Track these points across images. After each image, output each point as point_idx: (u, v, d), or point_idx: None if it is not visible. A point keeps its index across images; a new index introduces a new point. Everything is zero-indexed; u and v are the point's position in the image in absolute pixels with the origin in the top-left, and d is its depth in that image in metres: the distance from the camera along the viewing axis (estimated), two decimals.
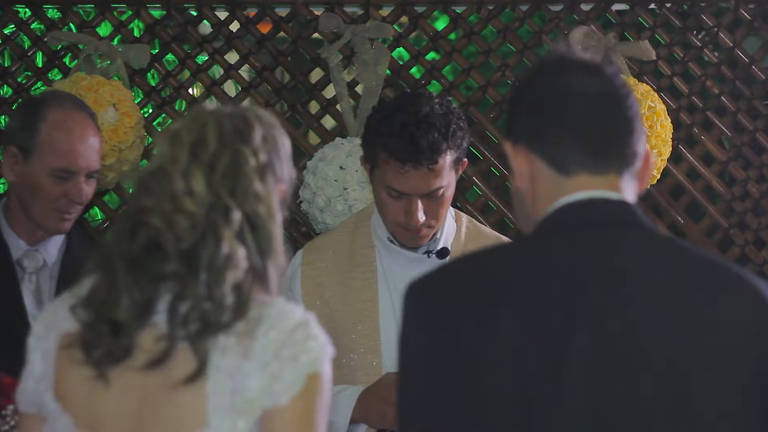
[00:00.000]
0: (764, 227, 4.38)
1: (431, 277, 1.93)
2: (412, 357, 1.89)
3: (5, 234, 3.17)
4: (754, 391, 1.85)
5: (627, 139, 1.95)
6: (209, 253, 1.98)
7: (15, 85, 4.23)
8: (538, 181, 1.96)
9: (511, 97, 2.05)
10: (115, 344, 1.99)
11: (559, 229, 1.93)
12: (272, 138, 2.09)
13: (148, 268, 2.00)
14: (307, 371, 1.98)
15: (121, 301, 1.99)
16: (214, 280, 1.97)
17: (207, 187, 2.01)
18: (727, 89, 4.40)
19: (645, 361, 1.83)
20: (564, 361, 1.82)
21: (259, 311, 1.99)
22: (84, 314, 2.02)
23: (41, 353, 2.08)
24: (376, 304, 3.14)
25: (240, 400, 1.96)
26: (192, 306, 1.97)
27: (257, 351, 1.97)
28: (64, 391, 2.05)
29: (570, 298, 1.85)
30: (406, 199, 3.03)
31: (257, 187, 2.03)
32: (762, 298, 1.89)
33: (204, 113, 2.09)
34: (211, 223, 1.99)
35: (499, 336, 1.83)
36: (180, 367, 1.97)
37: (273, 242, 2.04)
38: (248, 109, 2.12)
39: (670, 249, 1.93)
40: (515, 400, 1.82)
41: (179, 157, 2.03)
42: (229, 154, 2.03)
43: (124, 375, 2.00)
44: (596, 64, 1.98)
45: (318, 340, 2.01)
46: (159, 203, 2.01)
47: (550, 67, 2.00)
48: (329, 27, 4.20)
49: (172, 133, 2.07)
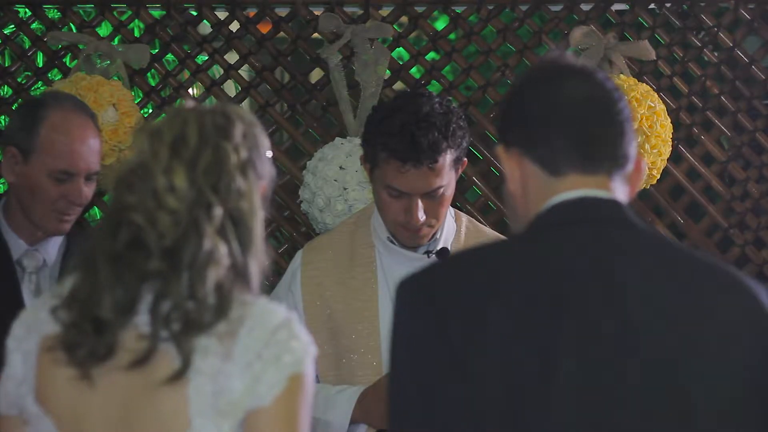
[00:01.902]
0: (764, 227, 4.38)
1: (422, 274, 1.94)
2: (403, 354, 1.90)
3: (5, 234, 3.17)
4: (751, 390, 1.86)
5: (618, 140, 1.96)
6: (191, 250, 1.97)
7: (15, 85, 4.23)
8: (530, 183, 1.98)
9: (503, 103, 2.07)
10: (98, 343, 1.98)
11: (550, 227, 1.94)
12: (252, 135, 2.08)
13: (131, 265, 1.98)
14: (290, 372, 1.97)
15: (103, 299, 1.98)
16: (197, 278, 1.96)
17: (189, 183, 2.00)
18: (727, 89, 4.40)
19: (638, 361, 1.83)
20: (554, 357, 1.83)
21: (241, 311, 1.98)
22: (66, 315, 2.01)
23: (21, 355, 2.06)
24: (375, 303, 3.14)
25: (222, 402, 1.95)
26: (174, 305, 1.96)
27: (239, 352, 1.96)
28: (47, 394, 2.03)
29: (560, 294, 1.85)
30: (406, 198, 3.04)
31: (240, 183, 2.02)
32: (754, 297, 1.90)
33: (184, 110, 2.08)
34: (193, 220, 1.98)
35: (488, 332, 1.84)
36: (162, 368, 1.96)
37: (255, 239, 2.03)
38: (228, 107, 2.11)
39: (662, 248, 1.94)
40: (505, 397, 1.82)
41: (160, 154, 2.02)
42: (211, 150, 2.02)
43: (108, 376, 1.99)
44: (587, 70, 2.00)
45: (300, 339, 2.00)
46: (141, 200, 2.00)
47: (542, 72, 2.03)
48: (329, 27, 4.20)
49: (152, 130, 2.06)
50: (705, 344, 1.85)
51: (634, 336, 1.84)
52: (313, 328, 3.11)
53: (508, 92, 2.08)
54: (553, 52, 2.06)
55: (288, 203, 4.26)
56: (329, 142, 4.11)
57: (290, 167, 4.26)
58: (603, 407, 1.83)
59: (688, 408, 1.83)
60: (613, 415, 1.83)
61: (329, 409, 3.05)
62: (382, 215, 3.11)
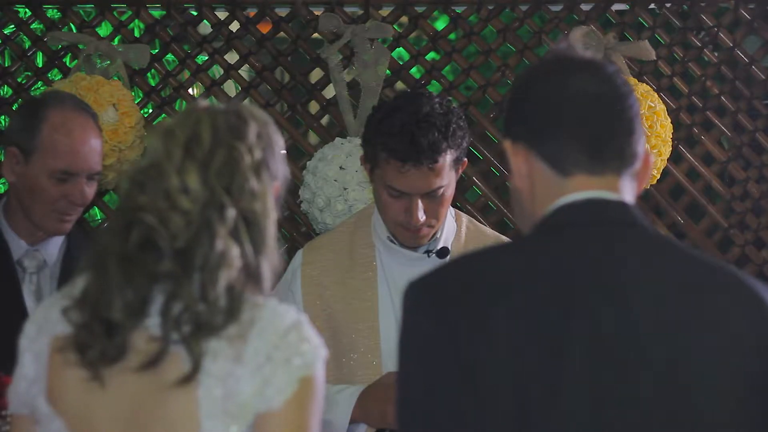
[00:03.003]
0: (764, 227, 4.38)
1: (430, 277, 1.93)
2: (411, 357, 1.89)
3: (5, 234, 3.17)
4: (753, 392, 1.85)
5: (626, 139, 1.95)
6: (203, 251, 1.96)
7: (15, 85, 4.23)
8: (537, 180, 1.96)
9: (510, 96, 2.04)
10: (109, 344, 1.97)
11: (558, 229, 1.93)
12: (266, 135, 2.07)
13: (142, 266, 1.97)
14: (300, 375, 1.96)
15: (114, 301, 1.96)
16: (208, 280, 1.95)
17: (202, 183, 1.99)
18: (727, 89, 4.40)
19: (644, 361, 1.83)
20: (561, 361, 1.82)
21: (252, 313, 1.97)
22: (77, 316, 2.00)
23: (33, 355, 2.06)
24: (376, 303, 3.14)
25: (232, 405, 1.94)
26: (185, 307, 1.95)
27: (249, 355, 1.95)
28: (58, 395, 2.03)
29: (568, 297, 1.84)
30: (406, 198, 3.04)
31: (253, 184, 2.01)
32: (759, 299, 1.89)
33: (197, 110, 2.06)
34: (205, 221, 1.97)
35: (496, 336, 1.83)
36: (172, 370, 1.95)
37: (267, 240, 2.02)
38: (242, 106, 2.10)
39: (668, 250, 1.93)
40: (513, 400, 1.81)
41: (173, 154, 2.00)
42: (224, 150, 2.01)
43: (118, 377, 1.98)
44: (596, 63, 1.98)
45: (311, 342, 1.99)
46: (153, 200, 1.98)
47: (550, 66, 2.00)
48: (329, 27, 4.20)
49: (165, 130, 2.04)
50: (708, 345, 1.85)
51: (640, 338, 1.83)
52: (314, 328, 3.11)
53: (515, 85, 2.04)
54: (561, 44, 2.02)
55: (288, 203, 4.26)
56: (329, 142, 4.12)
57: (290, 167, 4.25)
58: (611, 408, 1.82)
59: (690, 409, 1.83)
60: (620, 417, 1.82)
61: (329, 409, 3.04)
62: (382, 215, 3.11)
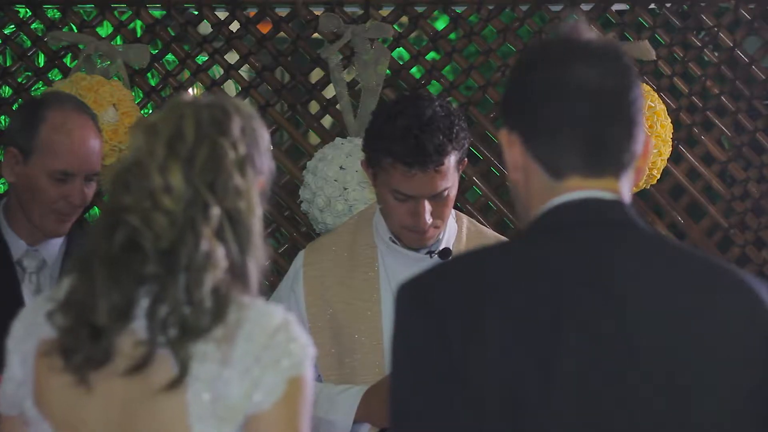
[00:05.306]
0: (764, 227, 4.38)
1: (422, 277, 1.91)
2: (403, 357, 1.88)
3: (5, 234, 3.16)
4: (754, 391, 1.85)
5: (625, 143, 1.90)
6: (188, 252, 1.93)
7: (15, 85, 4.23)
8: (531, 179, 1.93)
9: (509, 83, 1.97)
10: (94, 348, 1.94)
11: (551, 229, 1.90)
12: (251, 129, 2.03)
13: (127, 268, 1.94)
14: (289, 375, 1.94)
15: (99, 304, 1.94)
16: (194, 282, 1.92)
17: (185, 182, 1.95)
18: (727, 89, 4.40)
19: (639, 362, 1.81)
20: (553, 361, 1.80)
21: (238, 314, 1.95)
22: (61, 319, 1.97)
23: (20, 356, 2.04)
24: (378, 304, 3.14)
25: (221, 408, 1.92)
26: (170, 310, 1.93)
27: (237, 357, 1.93)
28: (44, 399, 2.00)
29: (560, 297, 1.82)
30: (412, 201, 3.03)
31: (237, 181, 1.97)
32: (758, 298, 1.88)
33: (181, 104, 2.02)
34: (189, 220, 1.94)
35: (487, 336, 1.81)
36: (160, 374, 1.93)
37: (253, 238, 1.98)
38: (227, 100, 2.05)
39: (664, 249, 1.90)
40: (504, 401, 1.80)
41: (156, 151, 1.97)
42: (208, 146, 1.97)
43: (105, 381, 1.96)
44: (600, 51, 1.90)
45: (299, 341, 1.97)
46: (137, 200, 1.95)
47: (552, 52, 1.92)
48: (329, 27, 4.20)
49: (148, 125, 2.00)
50: (707, 344, 1.84)
51: (635, 338, 1.82)
52: (316, 328, 3.11)
53: (514, 69, 1.96)
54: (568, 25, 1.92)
55: (288, 203, 4.26)
56: (329, 142, 4.11)
57: (290, 167, 4.26)
58: (603, 409, 1.81)
59: (689, 409, 1.83)
60: (613, 417, 1.81)
61: (332, 409, 3.05)
62: (387, 219, 3.11)
